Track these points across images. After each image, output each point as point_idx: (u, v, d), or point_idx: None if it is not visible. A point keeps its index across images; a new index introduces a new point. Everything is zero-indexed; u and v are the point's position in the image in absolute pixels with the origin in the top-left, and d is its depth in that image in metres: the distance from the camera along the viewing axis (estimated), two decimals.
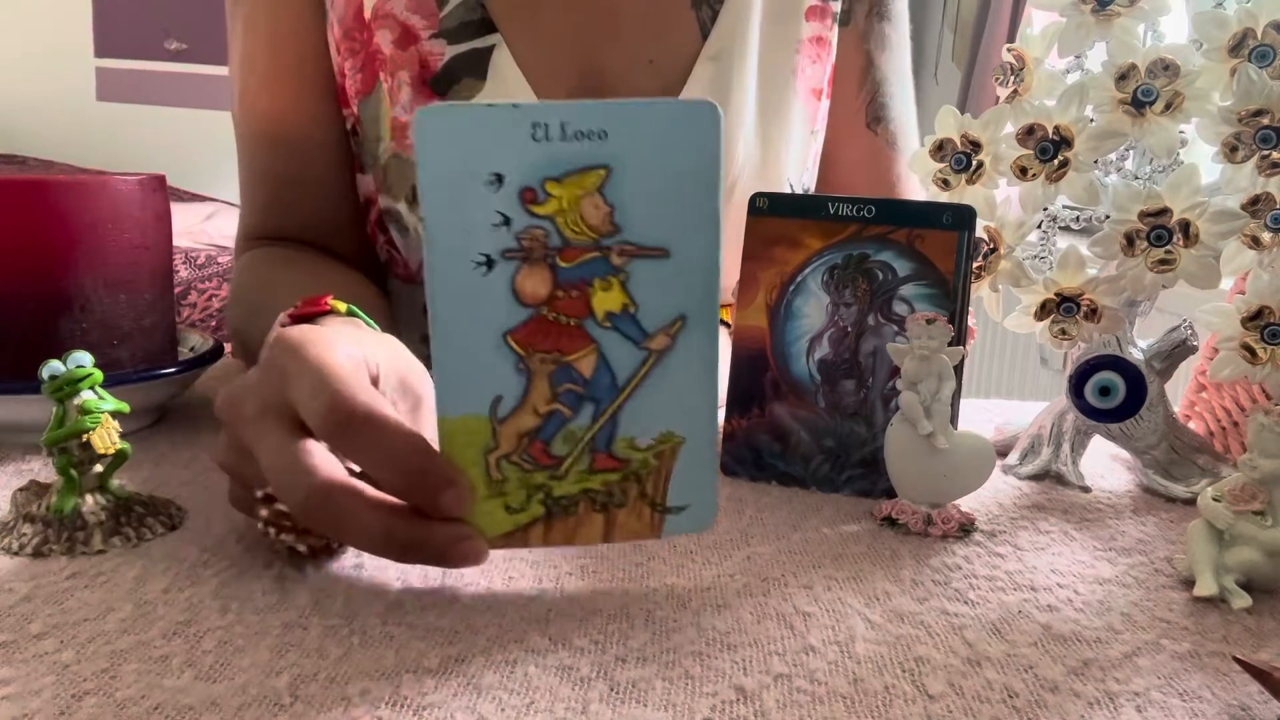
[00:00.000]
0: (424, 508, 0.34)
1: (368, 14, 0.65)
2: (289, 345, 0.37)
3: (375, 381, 0.39)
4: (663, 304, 0.34)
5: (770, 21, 0.69)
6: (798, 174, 0.71)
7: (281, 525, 0.38)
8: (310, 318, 0.47)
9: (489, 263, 0.33)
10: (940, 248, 0.49)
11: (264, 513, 0.38)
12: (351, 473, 0.36)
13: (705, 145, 0.33)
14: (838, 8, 0.71)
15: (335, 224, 0.72)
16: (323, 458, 0.35)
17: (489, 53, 0.64)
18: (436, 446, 0.35)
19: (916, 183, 0.76)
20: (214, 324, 2.10)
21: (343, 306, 0.46)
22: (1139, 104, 0.49)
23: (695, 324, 0.35)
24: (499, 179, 0.33)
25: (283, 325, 0.47)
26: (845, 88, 0.74)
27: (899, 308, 0.49)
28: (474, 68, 0.64)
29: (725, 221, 0.67)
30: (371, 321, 0.47)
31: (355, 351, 0.39)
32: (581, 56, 0.66)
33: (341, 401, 0.34)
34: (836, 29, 0.72)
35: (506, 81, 0.64)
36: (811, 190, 0.76)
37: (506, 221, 0.33)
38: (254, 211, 0.73)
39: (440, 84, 0.64)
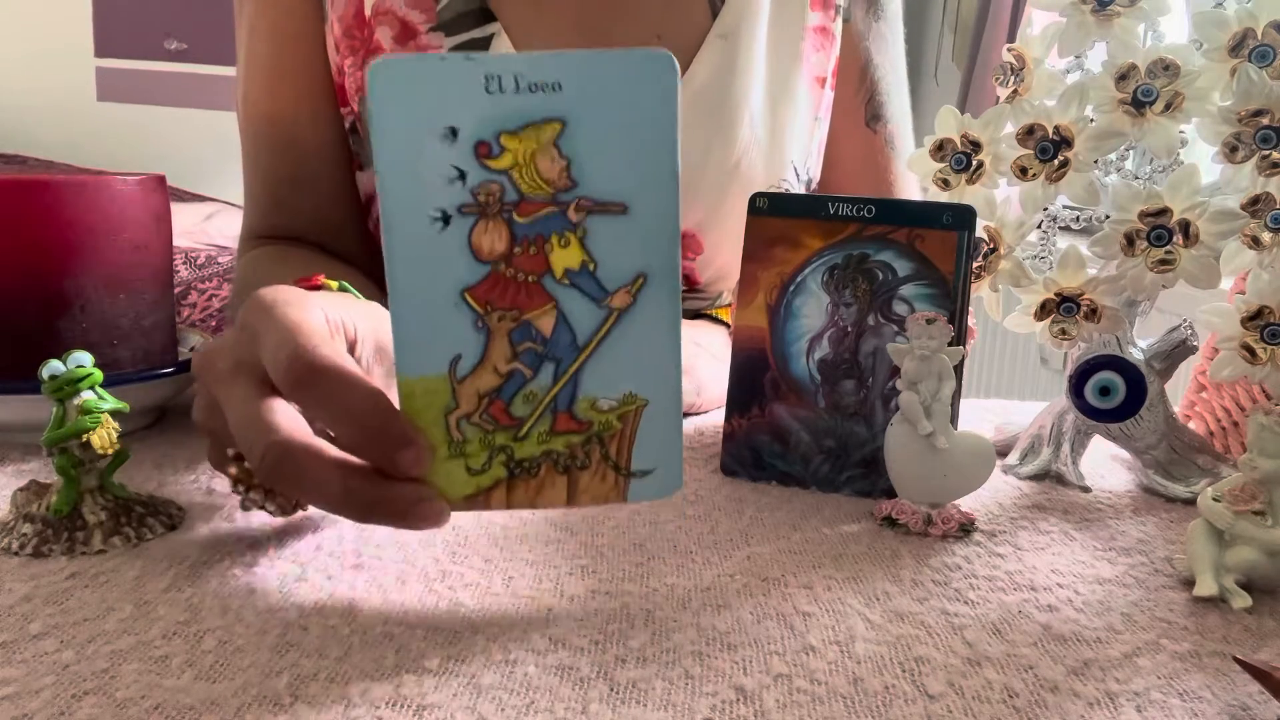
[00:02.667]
0: (383, 466, 0.34)
1: (368, 12, 0.65)
2: (262, 303, 0.37)
3: (352, 345, 0.39)
4: (623, 261, 0.34)
5: (778, 6, 0.69)
6: (802, 160, 0.71)
7: (250, 484, 0.38)
8: None
9: (445, 218, 0.33)
10: (940, 248, 0.49)
11: (233, 471, 0.38)
12: (319, 434, 0.35)
13: (662, 97, 0.33)
14: (840, 0, 0.72)
15: (337, 224, 0.72)
16: (285, 415, 0.35)
17: (487, 43, 0.64)
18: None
19: (915, 182, 0.77)
20: (214, 324, 2.10)
21: (334, 284, 0.46)
22: (1139, 104, 0.49)
23: (656, 282, 0.34)
24: (453, 132, 0.32)
25: None
26: (844, 86, 0.75)
27: (899, 308, 0.49)
28: None
29: (727, 200, 0.67)
30: (361, 296, 0.47)
31: (333, 312, 0.38)
32: (588, 34, 0.66)
33: (301, 354, 0.34)
34: (840, 21, 0.72)
35: None
36: (816, 181, 0.76)
37: (462, 176, 0.33)
38: (257, 211, 0.74)
39: None
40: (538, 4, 0.66)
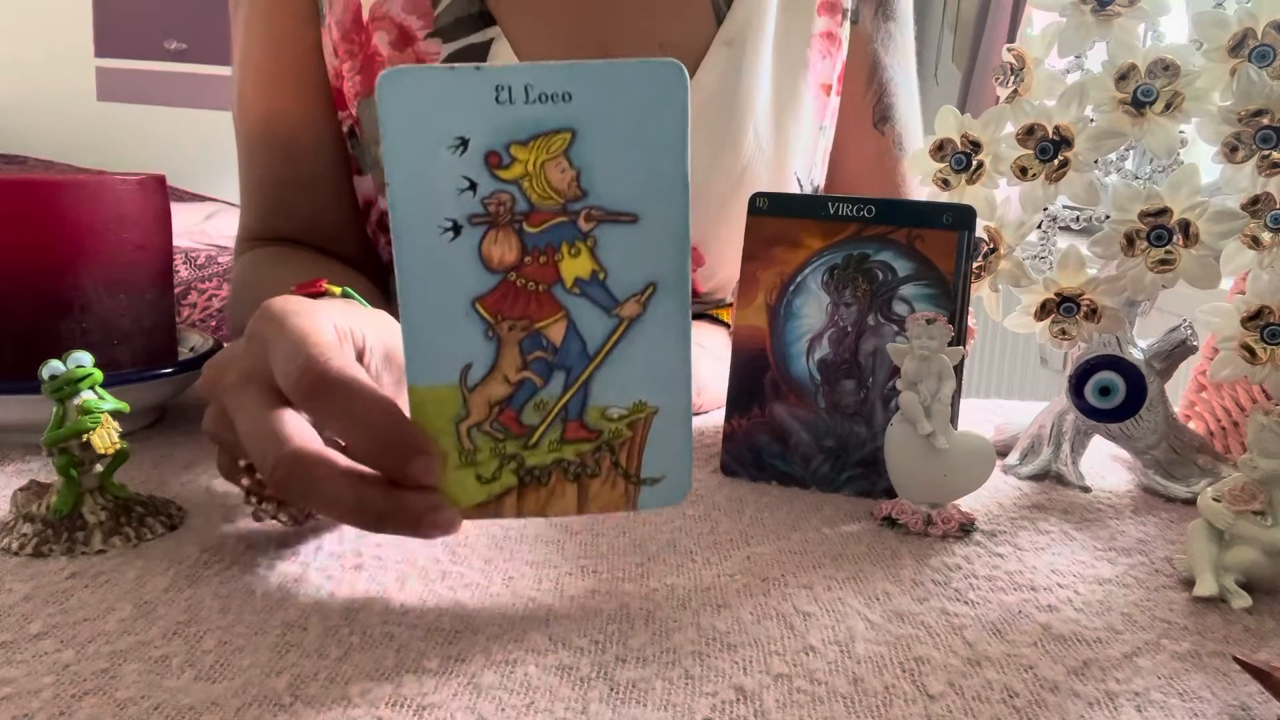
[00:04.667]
0: (394, 475, 0.34)
1: (365, 16, 0.65)
2: (272, 313, 0.37)
3: (361, 353, 0.39)
4: (633, 270, 0.34)
5: (785, 10, 0.69)
6: (805, 169, 0.71)
7: (262, 495, 0.38)
8: None
9: (455, 228, 0.33)
10: (940, 248, 0.49)
11: (245, 482, 0.38)
12: (329, 444, 0.35)
13: (672, 107, 0.33)
14: (849, 3, 0.71)
15: (333, 226, 0.72)
16: (296, 426, 0.35)
17: (486, 48, 0.63)
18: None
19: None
20: (214, 324, 2.10)
21: (337, 289, 0.46)
22: (1139, 104, 0.49)
23: (667, 290, 0.34)
24: (463, 143, 0.32)
25: None
26: (853, 87, 0.74)
27: (899, 308, 0.49)
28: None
29: (730, 212, 0.67)
30: (365, 303, 0.47)
31: (341, 321, 0.38)
32: (589, 42, 0.65)
33: (314, 365, 0.34)
34: (848, 25, 0.71)
35: None
36: (821, 189, 0.76)
37: (472, 186, 0.33)
38: (253, 213, 0.73)
39: None
40: (538, 9, 0.65)
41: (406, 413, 0.35)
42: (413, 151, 0.32)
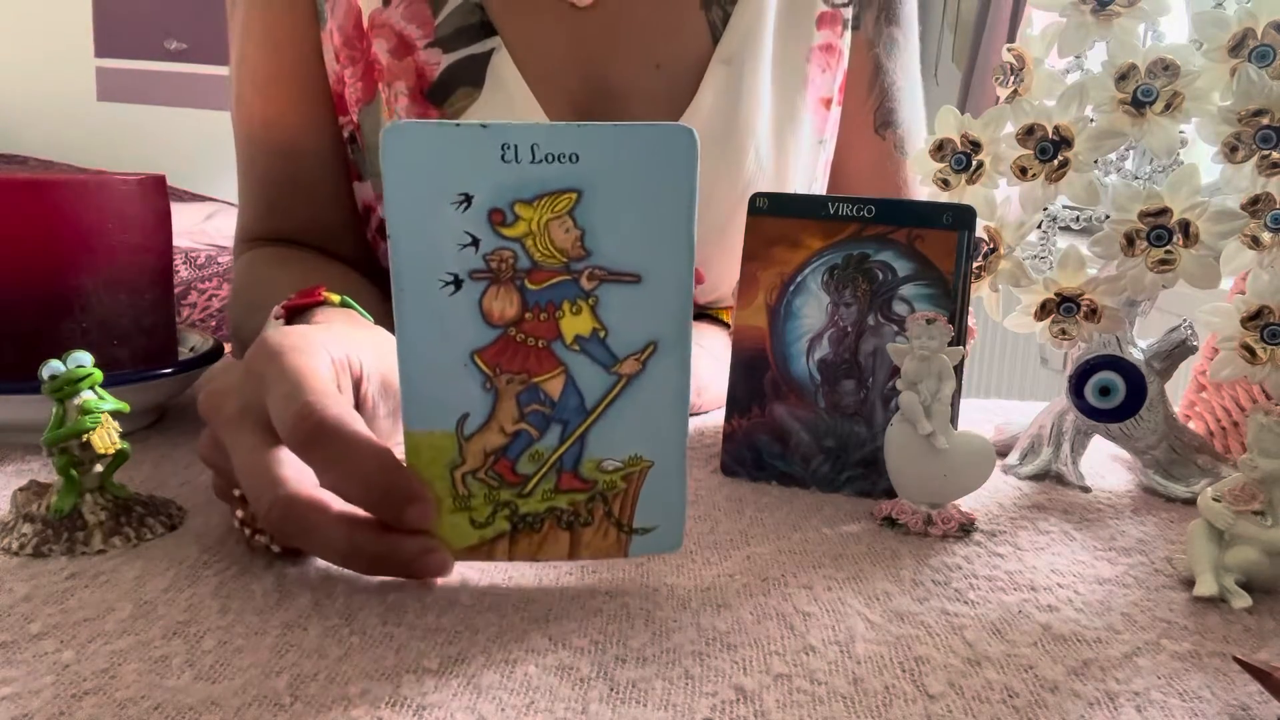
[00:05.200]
0: (389, 521, 0.34)
1: (366, 23, 0.64)
2: (269, 350, 0.37)
3: (358, 383, 0.39)
4: (634, 329, 0.34)
5: (783, 26, 0.68)
6: (805, 185, 0.70)
7: (255, 526, 0.38)
8: (304, 309, 0.46)
9: (457, 282, 0.33)
10: (940, 248, 0.49)
11: (240, 513, 0.38)
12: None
13: (680, 171, 0.33)
14: (849, 14, 0.70)
15: (333, 228, 0.72)
16: (292, 468, 0.35)
17: (487, 58, 0.63)
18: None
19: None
20: (214, 324, 2.10)
21: (336, 298, 0.46)
22: (1139, 104, 0.49)
23: (667, 350, 0.34)
24: (467, 199, 0.32)
25: (276, 317, 0.47)
26: (855, 92, 0.73)
27: (899, 308, 0.49)
28: (470, 75, 0.62)
29: (730, 233, 0.66)
30: (365, 313, 0.47)
31: (339, 354, 0.39)
32: (585, 61, 0.65)
33: (309, 413, 0.34)
34: (849, 35, 0.71)
35: (506, 87, 0.62)
36: None
37: (474, 242, 0.33)
38: (252, 214, 0.73)
39: (437, 95, 0.62)
40: (536, 24, 0.64)
41: (401, 452, 0.35)
42: (415, 205, 0.33)
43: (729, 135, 0.64)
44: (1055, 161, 0.50)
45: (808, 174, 0.70)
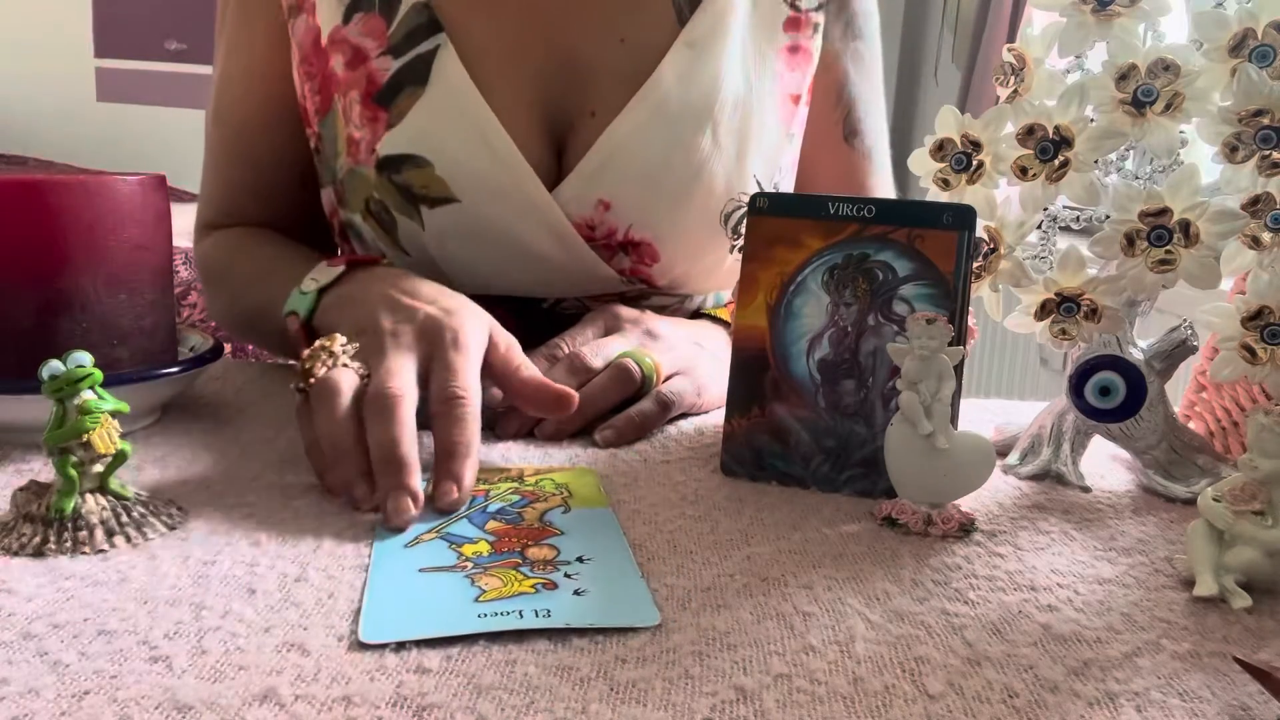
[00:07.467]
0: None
1: (324, 42, 0.67)
2: (451, 305, 0.53)
3: (507, 349, 0.53)
4: None
5: (752, 24, 0.69)
6: (767, 173, 0.70)
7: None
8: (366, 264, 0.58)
9: None
10: (940, 248, 0.49)
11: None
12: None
13: None
14: (818, 18, 0.72)
15: (299, 229, 0.76)
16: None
17: (432, 56, 0.64)
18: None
19: (892, 193, 0.79)
20: (214, 324, 2.10)
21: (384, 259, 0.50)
22: (1139, 104, 0.49)
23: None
24: None
25: (333, 266, 0.58)
26: (822, 103, 0.75)
27: (899, 308, 0.49)
28: (415, 75, 0.64)
29: (684, 209, 0.67)
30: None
31: (488, 324, 0.53)
32: (548, 33, 0.66)
33: (456, 397, 0.48)
34: (818, 38, 0.72)
35: (450, 82, 0.64)
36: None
37: None
38: (215, 207, 0.78)
39: (385, 98, 0.64)
40: (489, 10, 0.65)
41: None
42: None
43: (684, 114, 0.66)
44: (1055, 161, 0.50)
45: (770, 162, 0.70)
